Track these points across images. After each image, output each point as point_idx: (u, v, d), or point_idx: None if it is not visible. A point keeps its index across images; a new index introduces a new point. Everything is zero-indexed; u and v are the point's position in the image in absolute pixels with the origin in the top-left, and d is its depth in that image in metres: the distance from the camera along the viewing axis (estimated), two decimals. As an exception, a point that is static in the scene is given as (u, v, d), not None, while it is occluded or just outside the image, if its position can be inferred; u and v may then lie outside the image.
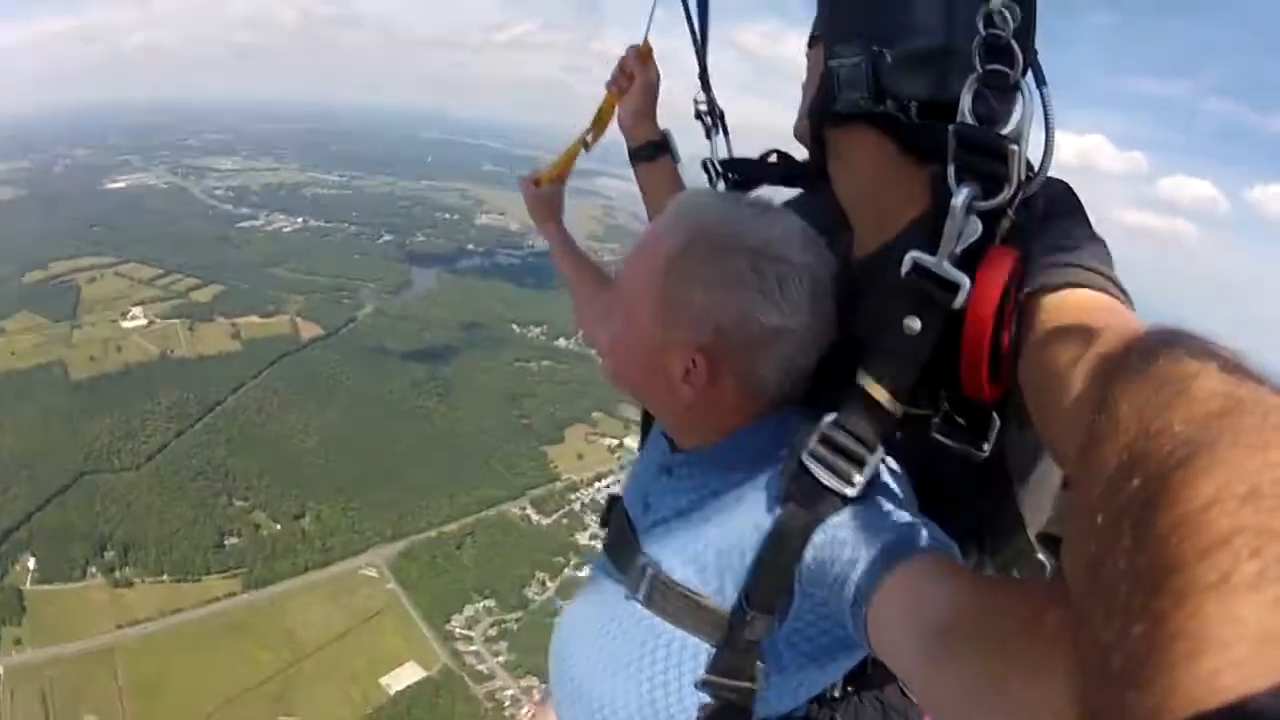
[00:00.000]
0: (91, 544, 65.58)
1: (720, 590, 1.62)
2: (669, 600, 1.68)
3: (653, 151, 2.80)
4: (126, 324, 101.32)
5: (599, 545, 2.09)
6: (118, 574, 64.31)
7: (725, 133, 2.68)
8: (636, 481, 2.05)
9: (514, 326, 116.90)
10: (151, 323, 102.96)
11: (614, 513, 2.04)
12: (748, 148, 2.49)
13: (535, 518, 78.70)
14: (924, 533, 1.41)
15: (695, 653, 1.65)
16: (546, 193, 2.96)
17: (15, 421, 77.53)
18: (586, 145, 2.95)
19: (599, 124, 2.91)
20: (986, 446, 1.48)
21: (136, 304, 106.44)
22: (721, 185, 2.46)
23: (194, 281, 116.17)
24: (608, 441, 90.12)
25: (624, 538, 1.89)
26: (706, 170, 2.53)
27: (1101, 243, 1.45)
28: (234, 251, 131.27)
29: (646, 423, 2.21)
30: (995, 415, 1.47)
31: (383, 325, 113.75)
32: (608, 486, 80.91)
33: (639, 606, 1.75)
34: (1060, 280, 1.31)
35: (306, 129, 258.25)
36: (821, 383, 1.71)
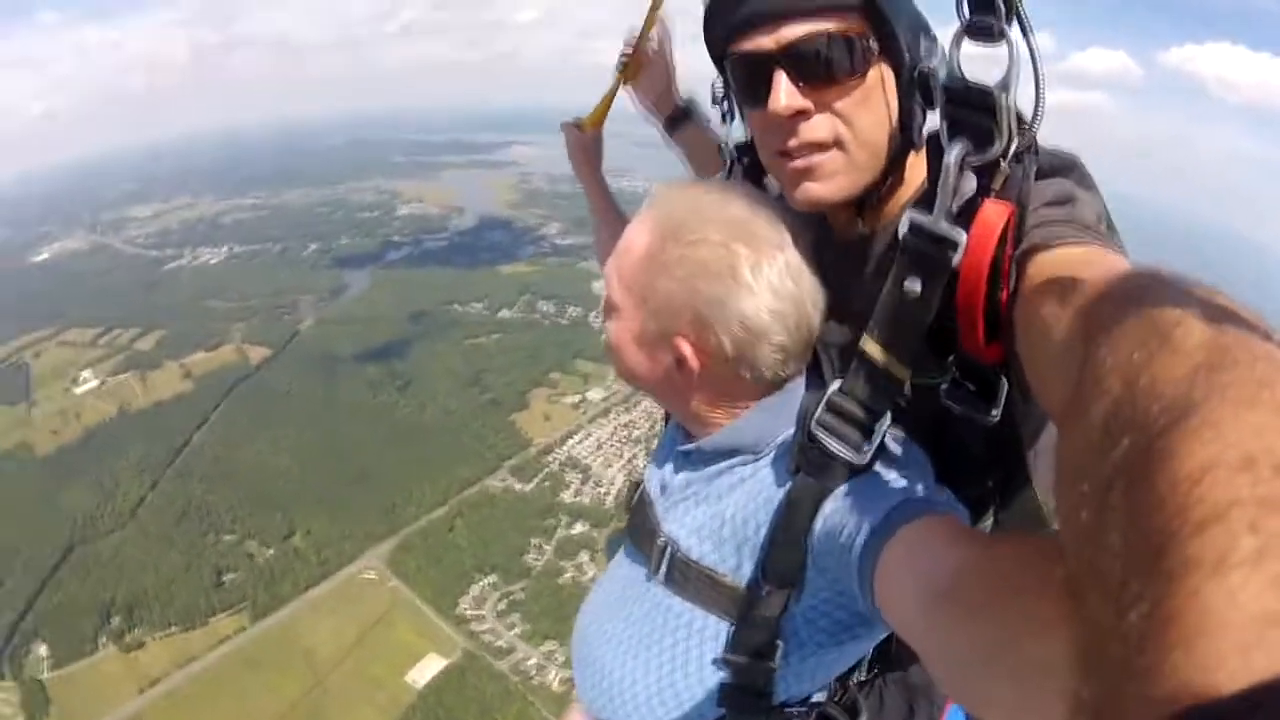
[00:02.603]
0: (96, 614, 60.87)
1: (738, 567, 1.60)
2: (688, 578, 1.66)
3: (681, 122, 2.75)
4: (79, 390, 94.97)
5: (623, 528, 2.03)
6: (128, 638, 59.63)
7: (744, 117, 2.23)
8: (656, 466, 1.97)
9: (456, 307, 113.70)
10: (103, 382, 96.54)
11: (636, 496, 1.99)
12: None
13: (517, 486, 75.84)
14: (932, 496, 1.38)
15: (715, 633, 1.62)
16: (589, 138, 2.83)
17: (-5, 512, 71.83)
18: (626, 75, 2.74)
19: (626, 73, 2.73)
20: (995, 411, 1.42)
21: (85, 368, 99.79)
22: (738, 170, 2.21)
23: (135, 332, 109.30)
24: (570, 399, 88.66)
25: (644, 520, 1.86)
26: (721, 154, 2.30)
27: (1099, 198, 1.39)
28: (167, 294, 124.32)
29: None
30: (1004, 379, 1.41)
31: (327, 333, 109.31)
32: (580, 442, 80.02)
33: (659, 587, 1.72)
34: (1055, 237, 1.24)
35: (215, 158, 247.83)
36: (827, 354, 1.70)
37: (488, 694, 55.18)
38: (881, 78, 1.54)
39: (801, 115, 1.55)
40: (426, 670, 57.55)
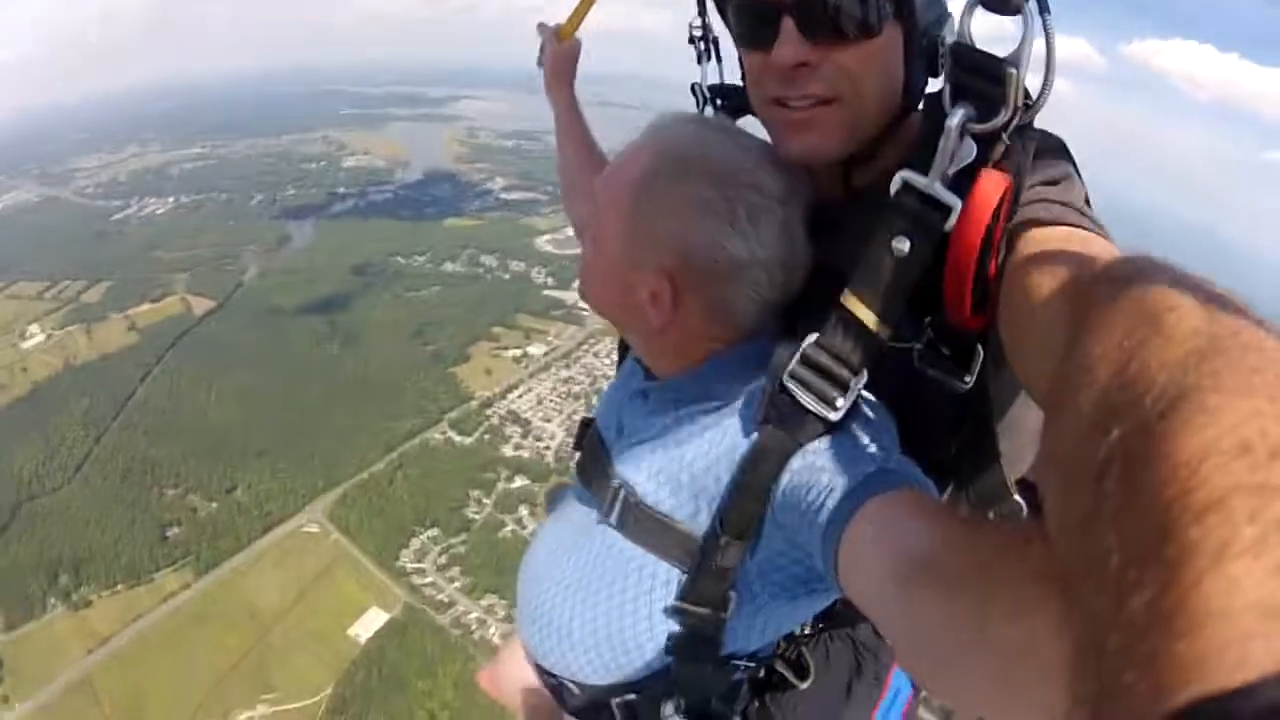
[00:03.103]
0: (45, 574, 59.56)
1: (694, 514, 1.53)
2: (641, 523, 1.60)
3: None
4: (26, 344, 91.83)
5: (572, 468, 1.94)
6: (74, 596, 58.35)
7: (719, 59, 2.31)
8: (611, 404, 1.90)
9: (399, 259, 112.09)
10: (50, 335, 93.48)
11: (587, 435, 1.91)
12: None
13: (458, 439, 74.82)
14: (904, 468, 1.32)
15: (666, 579, 1.57)
16: (568, 47, 2.59)
17: (-61, 470, 69.63)
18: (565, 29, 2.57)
19: None
20: (969, 378, 1.38)
21: (31, 322, 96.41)
22: (709, 111, 2.15)
23: (81, 284, 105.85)
24: (511, 353, 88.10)
25: (597, 460, 1.79)
26: (695, 95, 2.23)
27: (1083, 183, 1.36)
28: (113, 245, 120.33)
29: (624, 347, 2.06)
30: (980, 346, 1.36)
31: (271, 285, 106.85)
32: (520, 396, 78.99)
33: (610, 530, 1.66)
34: (1050, 216, 1.23)
35: (164, 109, 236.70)
36: (801, 310, 1.64)
37: (429, 648, 54.70)
38: (891, 37, 1.46)
39: (805, 67, 1.46)
40: (369, 624, 56.98)
